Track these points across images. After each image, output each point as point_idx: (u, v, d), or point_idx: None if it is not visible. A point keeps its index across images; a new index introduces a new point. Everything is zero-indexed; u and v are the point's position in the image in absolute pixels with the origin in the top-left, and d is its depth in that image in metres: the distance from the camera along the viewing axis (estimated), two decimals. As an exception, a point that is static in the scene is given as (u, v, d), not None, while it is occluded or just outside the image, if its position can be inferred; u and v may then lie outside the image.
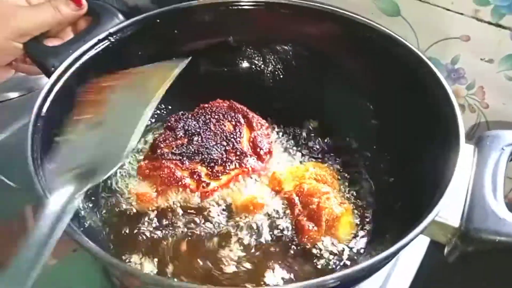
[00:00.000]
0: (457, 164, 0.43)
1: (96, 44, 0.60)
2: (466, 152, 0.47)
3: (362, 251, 0.55)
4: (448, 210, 0.43)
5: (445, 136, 0.48)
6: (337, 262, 0.54)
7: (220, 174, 0.59)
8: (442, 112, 0.50)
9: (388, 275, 0.60)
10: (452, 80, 0.82)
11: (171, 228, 0.56)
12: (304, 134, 0.68)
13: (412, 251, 0.62)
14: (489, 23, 0.72)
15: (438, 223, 0.42)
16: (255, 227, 0.56)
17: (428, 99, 0.53)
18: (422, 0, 0.76)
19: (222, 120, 0.65)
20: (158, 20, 0.67)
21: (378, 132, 0.64)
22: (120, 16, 0.66)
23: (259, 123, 0.66)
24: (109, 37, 0.62)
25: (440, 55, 0.81)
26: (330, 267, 0.53)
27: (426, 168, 0.50)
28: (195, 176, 0.58)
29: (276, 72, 0.75)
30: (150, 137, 0.67)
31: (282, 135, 0.69)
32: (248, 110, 0.68)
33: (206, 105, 0.67)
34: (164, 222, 0.57)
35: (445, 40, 0.78)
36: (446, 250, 0.43)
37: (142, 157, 0.63)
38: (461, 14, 0.74)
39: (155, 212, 0.57)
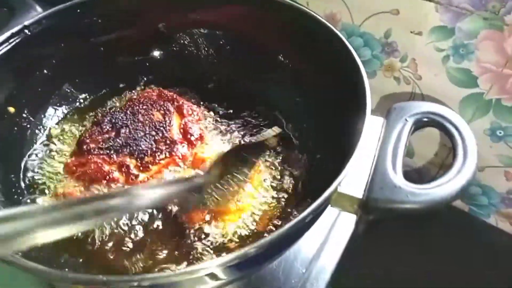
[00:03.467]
0: (361, 136, 0.44)
1: (9, 38, 0.58)
2: (375, 124, 0.49)
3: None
4: (355, 182, 0.44)
5: (356, 109, 0.49)
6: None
7: (149, 165, 0.59)
8: (354, 84, 0.50)
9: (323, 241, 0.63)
10: (386, 54, 0.83)
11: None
12: (239, 119, 0.68)
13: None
14: (415, -4, 0.73)
15: (344, 195, 0.44)
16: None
17: (342, 73, 0.54)
18: (353, -24, 0.76)
19: (151, 110, 0.64)
20: (78, 10, 0.64)
21: (304, 110, 0.64)
22: (38, 8, 0.63)
23: (190, 109, 0.65)
24: (25, 30, 0.60)
25: (373, 29, 0.82)
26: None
27: (343, 143, 0.51)
28: (123, 169, 0.58)
29: (210, 57, 0.74)
30: (67, 127, 0.66)
31: (218, 121, 0.68)
32: (178, 97, 0.67)
33: (135, 97, 0.66)
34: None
35: (377, 14, 0.79)
36: (355, 222, 0.45)
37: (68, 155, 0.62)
38: (390, -12, 0.75)
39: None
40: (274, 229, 0.54)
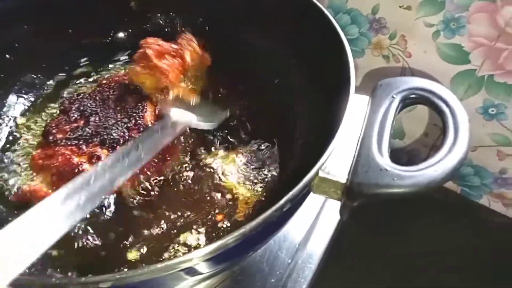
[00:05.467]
0: (344, 116, 0.40)
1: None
2: (360, 103, 0.45)
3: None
4: (339, 166, 0.41)
5: (339, 88, 0.45)
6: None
7: (122, 155, 0.55)
8: (336, 58, 0.47)
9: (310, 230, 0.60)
10: (374, 31, 0.79)
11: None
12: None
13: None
14: (404, -33, 0.69)
15: (326, 180, 0.40)
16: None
17: (323, 49, 0.50)
18: None
19: (122, 95, 0.60)
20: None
21: (285, 93, 0.60)
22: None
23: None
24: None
25: (360, 5, 0.78)
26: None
27: (327, 126, 0.48)
28: (94, 160, 0.54)
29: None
30: (34, 117, 0.62)
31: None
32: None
33: (105, 81, 0.62)
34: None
35: (363, -12, 0.75)
36: (339, 208, 0.42)
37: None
38: (376, -41, 0.70)
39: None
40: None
